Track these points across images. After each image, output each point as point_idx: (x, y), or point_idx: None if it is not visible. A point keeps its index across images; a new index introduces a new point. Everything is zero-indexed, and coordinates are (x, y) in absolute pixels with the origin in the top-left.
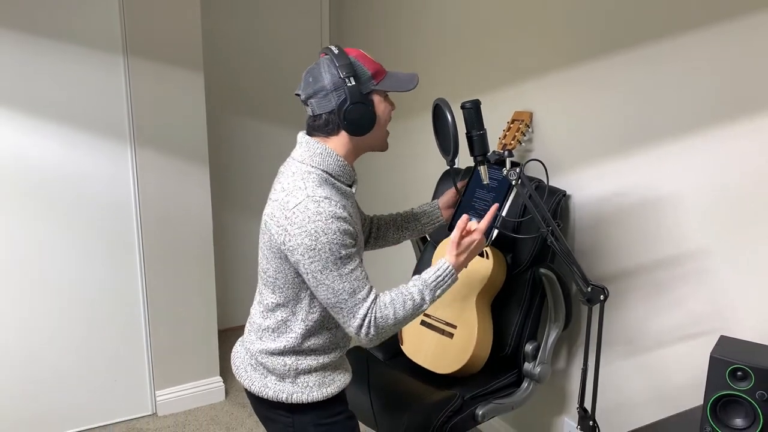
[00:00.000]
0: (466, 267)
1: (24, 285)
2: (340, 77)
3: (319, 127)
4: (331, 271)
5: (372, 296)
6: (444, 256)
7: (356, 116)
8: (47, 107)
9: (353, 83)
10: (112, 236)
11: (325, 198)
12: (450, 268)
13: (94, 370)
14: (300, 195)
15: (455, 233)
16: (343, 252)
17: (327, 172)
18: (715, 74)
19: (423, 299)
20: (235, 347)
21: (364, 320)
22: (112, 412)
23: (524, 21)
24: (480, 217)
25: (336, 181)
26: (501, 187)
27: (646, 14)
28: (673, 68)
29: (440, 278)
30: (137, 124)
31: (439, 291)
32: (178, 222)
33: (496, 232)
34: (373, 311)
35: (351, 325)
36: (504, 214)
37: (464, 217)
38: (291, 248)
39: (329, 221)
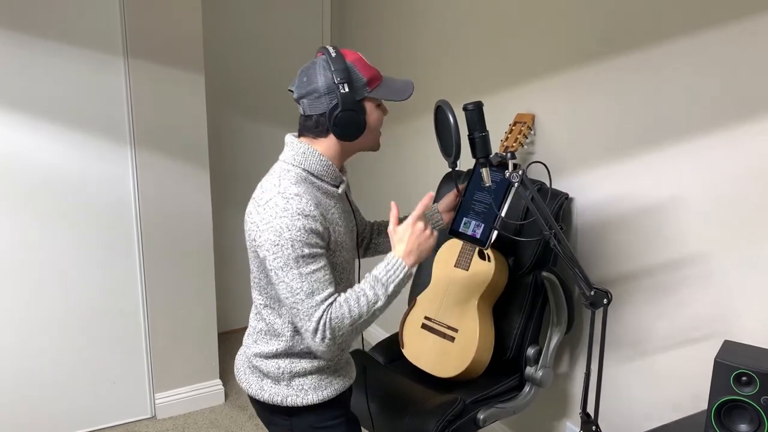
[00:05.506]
0: (420, 259)
1: (22, 287)
2: (334, 82)
3: (309, 128)
4: (291, 268)
5: (331, 300)
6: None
7: (346, 123)
8: (46, 107)
9: (347, 90)
10: (112, 238)
11: (296, 195)
12: (398, 260)
13: (92, 372)
14: (272, 191)
15: (390, 224)
16: (306, 251)
17: (307, 171)
18: (719, 77)
19: (377, 295)
20: (240, 350)
21: (319, 323)
22: (110, 414)
23: (527, 22)
24: (478, 219)
25: (317, 180)
26: (500, 188)
27: (649, 17)
28: (676, 71)
29: (390, 271)
30: (137, 125)
31: (392, 286)
32: (178, 223)
33: (495, 234)
34: (329, 312)
35: (307, 330)
36: (503, 214)
37: (393, 204)
38: (260, 244)
39: (295, 218)
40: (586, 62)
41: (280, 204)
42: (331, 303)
